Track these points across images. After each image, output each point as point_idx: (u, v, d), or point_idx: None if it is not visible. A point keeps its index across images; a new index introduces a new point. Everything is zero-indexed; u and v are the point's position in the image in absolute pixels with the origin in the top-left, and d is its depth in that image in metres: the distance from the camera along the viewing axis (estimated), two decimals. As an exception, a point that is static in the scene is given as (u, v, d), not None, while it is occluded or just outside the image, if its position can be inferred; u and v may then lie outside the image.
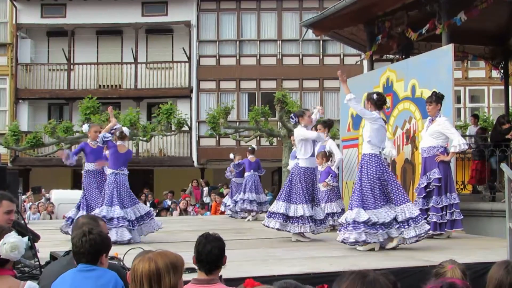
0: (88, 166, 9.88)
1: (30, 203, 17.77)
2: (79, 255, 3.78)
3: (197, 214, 18.24)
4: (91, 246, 3.74)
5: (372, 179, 7.71)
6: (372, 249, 7.69)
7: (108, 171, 9.34)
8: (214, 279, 3.75)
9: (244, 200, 13.91)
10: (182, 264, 3.00)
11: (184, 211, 18.47)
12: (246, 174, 14.27)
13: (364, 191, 7.72)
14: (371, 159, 7.80)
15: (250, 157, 14.41)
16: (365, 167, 7.78)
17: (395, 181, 7.86)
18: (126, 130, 9.67)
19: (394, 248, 7.72)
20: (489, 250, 7.70)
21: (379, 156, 7.84)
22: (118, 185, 9.09)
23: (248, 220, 13.72)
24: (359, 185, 7.78)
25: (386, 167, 7.99)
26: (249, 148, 14.90)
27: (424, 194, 9.01)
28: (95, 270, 3.77)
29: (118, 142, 9.40)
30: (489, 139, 13.64)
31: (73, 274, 3.78)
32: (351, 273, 2.52)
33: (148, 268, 2.86)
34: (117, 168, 9.15)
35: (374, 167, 7.74)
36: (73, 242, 3.82)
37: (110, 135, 9.44)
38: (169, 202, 20.08)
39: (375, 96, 8.05)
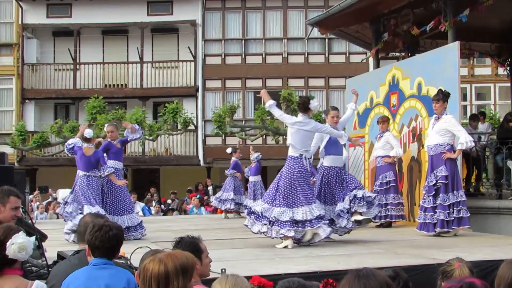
0: (116, 164, 9.76)
1: (38, 203, 17.81)
2: (100, 250, 3.81)
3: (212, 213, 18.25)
4: (111, 240, 3.82)
5: (291, 180, 7.93)
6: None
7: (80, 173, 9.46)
8: (196, 281, 3.78)
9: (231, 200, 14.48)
10: (193, 265, 3.00)
11: (181, 211, 18.42)
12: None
13: (283, 190, 7.91)
14: (291, 161, 8.06)
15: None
16: (286, 168, 8.03)
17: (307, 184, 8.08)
18: (89, 132, 9.61)
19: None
20: (496, 247, 7.68)
21: (300, 158, 8.04)
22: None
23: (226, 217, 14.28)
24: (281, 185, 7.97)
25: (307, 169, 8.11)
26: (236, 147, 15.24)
27: (433, 192, 9.00)
28: (108, 268, 3.78)
29: (85, 145, 9.43)
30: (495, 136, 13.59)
31: (87, 271, 3.79)
32: (348, 272, 2.62)
33: (157, 270, 2.87)
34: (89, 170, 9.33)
35: (295, 169, 7.96)
36: (95, 235, 3.81)
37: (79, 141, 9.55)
38: (169, 202, 20.15)
39: (298, 100, 8.40)
